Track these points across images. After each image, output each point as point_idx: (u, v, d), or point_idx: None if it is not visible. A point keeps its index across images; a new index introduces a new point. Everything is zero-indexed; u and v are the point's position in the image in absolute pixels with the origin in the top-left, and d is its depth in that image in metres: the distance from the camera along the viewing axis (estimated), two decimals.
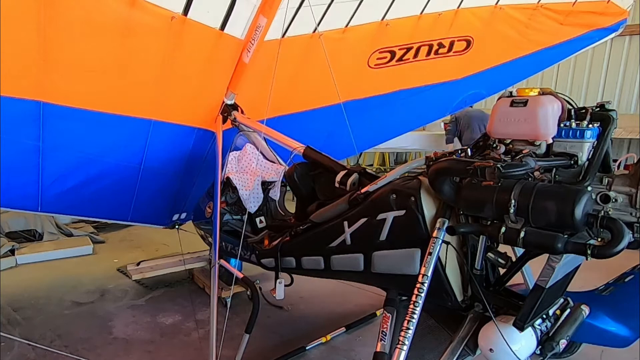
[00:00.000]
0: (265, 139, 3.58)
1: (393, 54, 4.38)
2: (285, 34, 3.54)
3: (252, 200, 3.28)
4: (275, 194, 3.44)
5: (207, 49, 3.34)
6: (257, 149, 3.51)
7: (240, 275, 3.10)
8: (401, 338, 2.12)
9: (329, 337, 3.69)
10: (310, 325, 3.95)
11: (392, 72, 4.51)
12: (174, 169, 3.89)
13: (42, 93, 2.92)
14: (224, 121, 3.69)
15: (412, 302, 2.13)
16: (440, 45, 4.59)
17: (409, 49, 4.43)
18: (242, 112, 3.73)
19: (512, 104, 2.07)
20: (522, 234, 1.90)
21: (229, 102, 3.69)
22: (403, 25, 4.23)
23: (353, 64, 4.28)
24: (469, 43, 4.71)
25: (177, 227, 4.44)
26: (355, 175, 2.81)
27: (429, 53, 4.57)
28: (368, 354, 3.55)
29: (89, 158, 3.44)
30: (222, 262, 3.21)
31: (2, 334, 3.16)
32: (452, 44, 4.60)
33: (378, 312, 4.06)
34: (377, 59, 4.34)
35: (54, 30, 2.72)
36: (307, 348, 3.53)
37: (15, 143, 3.05)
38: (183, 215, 4.35)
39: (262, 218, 3.43)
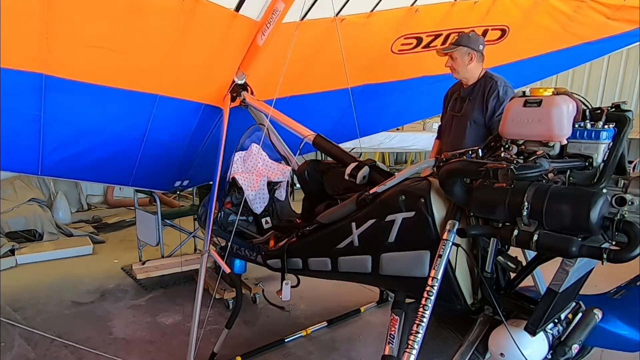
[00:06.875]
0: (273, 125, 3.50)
1: (419, 40, 4.20)
2: (304, 17, 3.39)
3: (258, 200, 3.25)
4: (281, 194, 3.41)
5: (219, 29, 3.24)
6: (270, 140, 3.45)
7: (228, 270, 3.06)
8: (410, 342, 2.07)
9: (309, 330, 3.79)
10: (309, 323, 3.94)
11: (417, 58, 4.33)
12: (178, 141, 3.87)
13: (45, 66, 2.90)
14: (233, 100, 3.61)
15: (421, 306, 2.09)
16: None
17: (437, 36, 4.21)
18: (252, 92, 3.65)
19: (526, 104, 2.01)
20: (535, 237, 1.85)
21: (239, 82, 3.61)
22: (434, 12, 4.03)
23: (375, 49, 4.13)
24: (503, 32, 4.46)
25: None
26: (365, 168, 2.76)
27: None
28: (368, 354, 3.59)
29: (91, 129, 3.43)
30: (212, 251, 3.19)
31: (5, 320, 3.11)
32: (485, 32, 4.30)
33: (362, 309, 4.14)
34: (402, 44, 4.17)
35: (58, 6, 2.67)
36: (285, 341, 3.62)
37: (15, 112, 3.03)
38: (185, 183, 4.37)
39: (268, 219, 3.39)
